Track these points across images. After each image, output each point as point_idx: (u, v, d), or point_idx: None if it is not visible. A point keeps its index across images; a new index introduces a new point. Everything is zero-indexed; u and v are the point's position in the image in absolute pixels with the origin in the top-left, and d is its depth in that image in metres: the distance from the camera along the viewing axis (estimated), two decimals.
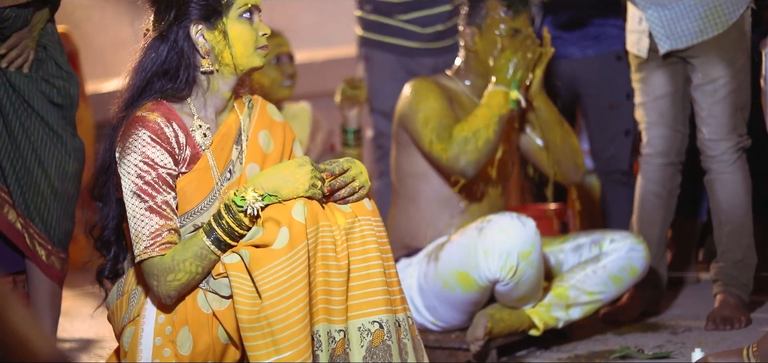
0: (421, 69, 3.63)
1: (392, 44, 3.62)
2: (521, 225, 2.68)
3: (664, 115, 3.16)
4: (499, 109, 2.87)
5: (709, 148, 3.06)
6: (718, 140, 3.04)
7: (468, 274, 2.74)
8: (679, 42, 3.05)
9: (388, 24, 3.61)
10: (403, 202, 3.03)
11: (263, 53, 2.20)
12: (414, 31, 3.61)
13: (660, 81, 3.15)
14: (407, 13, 3.60)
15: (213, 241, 2.05)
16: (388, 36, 3.62)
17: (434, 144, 2.86)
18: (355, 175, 2.14)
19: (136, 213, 2.07)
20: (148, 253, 2.06)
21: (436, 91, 2.94)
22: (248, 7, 2.16)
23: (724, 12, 3.00)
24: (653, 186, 3.20)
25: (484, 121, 2.85)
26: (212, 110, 2.21)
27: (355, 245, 2.09)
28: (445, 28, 3.62)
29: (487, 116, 2.85)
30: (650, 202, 3.20)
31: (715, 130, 3.04)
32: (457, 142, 2.83)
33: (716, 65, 3.02)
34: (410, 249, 2.98)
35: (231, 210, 2.05)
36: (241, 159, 2.21)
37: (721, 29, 3.01)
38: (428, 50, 3.63)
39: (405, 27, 3.61)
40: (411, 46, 3.62)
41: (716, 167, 3.05)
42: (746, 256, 3.07)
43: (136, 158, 2.09)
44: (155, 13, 2.18)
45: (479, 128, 2.84)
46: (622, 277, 2.93)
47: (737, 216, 3.07)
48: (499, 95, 2.89)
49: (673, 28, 3.04)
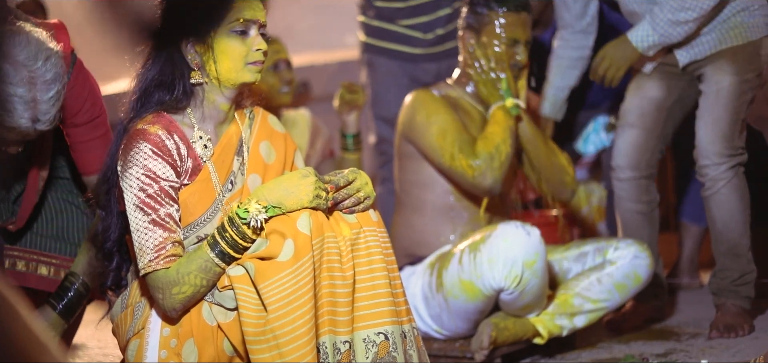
0: (424, 75, 3.62)
1: (395, 50, 3.61)
2: (526, 234, 2.67)
3: (644, 117, 3.15)
4: (506, 123, 2.87)
5: (704, 155, 3.02)
6: (712, 143, 2.99)
7: (472, 283, 2.73)
8: (697, 53, 3.06)
9: (391, 30, 3.60)
10: (406, 211, 3.02)
11: (256, 69, 2.16)
12: (416, 37, 3.60)
13: (654, 86, 3.15)
14: (410, 19, 3.59)
15: (217, 253, 2.04)
16: (391, 42, 3.61)
17: (458, 159, 2.85)
18: (360, 186, 2.13)
19: (140, 226, 2.06)
20: (152, 266, 2.05)
21: (444, 102, 2.94)
22: (241, 23, 2.14)
23: (743, 29, 3.03)
24: (632, 204, 3.18)
25: (500, 136, 2.86)
26: (212, 121, 2.19)
27: (361, 256, 2.08)
28: (445, 32, 3.61)
29: (501, 132, 2.86)
30: (634, 221, 3.18)
31: (713, 133, 2.99)
32: (483, 158, 2.83)
33: (724, 69, 3.01)
34: (414, 257, 2.97)
35: (235, 222, 2.03)
36: (242, 170, 2.20)
37: (738, 42, 3.02)
38: (430, 55, 3.62)
39: (407, 33, 3.60)
40: (414, 52, 3.61)
41: (711, 185, 3.02)
42: (745, 272, 3.05)
43: (138, 171, 2.08)
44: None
45: (498, 144, 2.85)
46: (627, 285, 2.92)
47: (734, 235, 3.04)
48: (499, 112, 2.90)
49: (694, 41, 3.06)
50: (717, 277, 3.09)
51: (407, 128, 2.97)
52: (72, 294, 2.43)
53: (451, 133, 2.87)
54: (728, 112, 3.01)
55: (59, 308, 2.42)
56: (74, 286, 2.43)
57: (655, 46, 3.06)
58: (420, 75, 3.62)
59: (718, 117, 3.00)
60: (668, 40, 3.03)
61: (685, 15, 2.96)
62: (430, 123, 2.90)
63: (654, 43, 3.04)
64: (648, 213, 3.18)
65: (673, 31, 3.00)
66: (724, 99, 3.01)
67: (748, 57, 3.03)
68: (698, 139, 3.05)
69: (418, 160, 2.97)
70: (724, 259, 3.07)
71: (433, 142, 2.89)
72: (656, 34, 3.02)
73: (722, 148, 2.99)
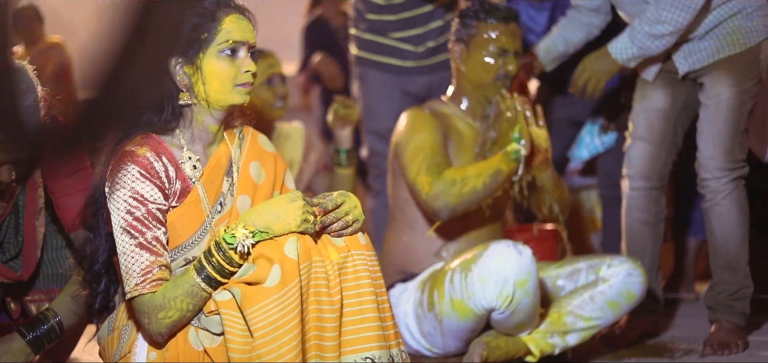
0: (416, 88, 3.61)
1: (387, 64, 3.60)
2: (517, 253, 2.66)
3: (652, 129, 3.13)
4: (498, 164, 2.84)
5: (705, 168, 3.01)
6: (714, 158, 2.99)
7: (464, 303, 2.71)
8: (696, 63, 3.04)
9: (382, 43, 3.59)
10: (399, 228, 3.01)
11: (245, 91, 2.16)
12: (408, 50, 3.59)
13: (658, 96, 3.13)
14: (401, 32, 3.57)
15: (204, 278, 2.03)
16: (383, 55, 3.60)
17: (420, 175, 2.83)
18: (349, 209, 2.12)
19: (127, 249, 2.05)
20: (138, 290, 2.04)
21: (432, 123, 2.92)
22: (230, 44, 2.13)
23: (741, 35, 2.99)
24: (639, 213, 3.17)
25: (477, 170, 2.83)
26: (201, 142, 2.18)
27: (348, 280, 2.07)
28: (437, 45, 3.60)
29: (482, 167, 2.84)
30: (638, 230, 3.17)
31: (713, 147, 2.99)
32: (444, 181, 2.80)
33: (723, 81, 3.00)
34: (406, 274, 2.96)
35: (221, 247, 2.02)
36: (232, 191, 2.19)
37: (736, 50, 2.99)
38: (422, 68, 3.61)
39: (399, 46, 3.59)
40: (405, 65, 3.59)
41: (712, 196, 3.01)
42: (741, 287, 3.03)
43: (125, 194, 2.06)
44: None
45: (469, 176, 2.81)
46: (620, 302, 2.91)
47: (732, 248, 3.02)
48: (498, 157, 2.87)
49: (692, 49, 3.03)
50: (713, 290, 3.07)
51: (396, 144, 2.98)
52: (45, 328, 2.42)
53: (424, 151, 2.86)
54: (728, 125, 2.99)
55: (29, 338, 2.41)
56: (49, 322, 2.42)
57: (635, 59, 3.05)
58: (412, 88, 3.60)
59: (719, 131, 2.99)
60: (647, 53, 3.02)
61: (662, 28, 2.95)
62: (410, 140, 2.90)
63: (633, 55, 3.03)
64: (653, 224, 3.17)
65: (651, 44, 2.99)
66: (724, 112, 2.99)
67: (747, 65, 3.01)
68: (699, 152, 3.04)
69: None
70: (721, 273, 3.05)
71: (407, 158, 2.89)
72: (635, 47, 3.01)
73: (724, 162, 2.99)
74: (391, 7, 3.57)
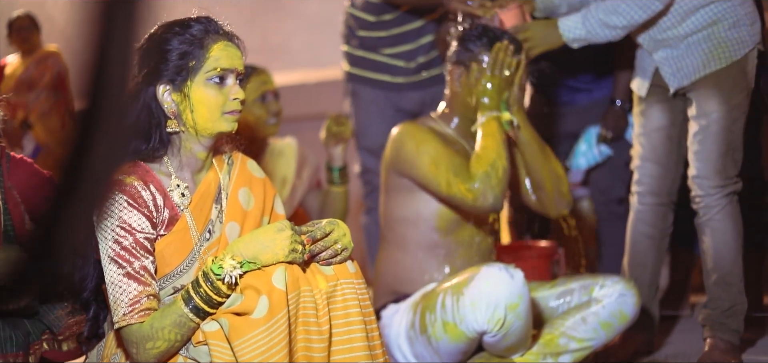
0: (408, 104, 3.60)
1: (378, 80, 3.59)
2: (509, 277, 2.65)
3: (656, 150, 3.12)
4: (501, 136, 2.82)
5: (697, 186, 3.01)
6: (706, 178, 2.98)
7: (455, 326, 2.71)
8: (684, 79, 3.02)
9: (374, 59, 3.58)
10: (391, 248, 2.99)
11: (233, 118, 2.15)
12: (399, 66, 3.58)
13: (657, 115, 3.12)
14: (392, 48, 3.56)
15: (191, 309, 2.02)
16: (374, 72, 3.59)
17: (454, 185, 2.80)
18: (338, 237, 2.11)
19: (114, 279, 2.05)
20: (126, 320, 2.03)
21: (431, 132, 2.90)
22: (218, 72, 2.13)
23: (727, 48, 2.97)
24: (645, 227, 3.16)
25: (495, 150, 2.80)
26: (189, 169, 2.18)
27: (337, 309, 2.06)
28: (428, 60, 3.59)
29: (495, 146, 2.80)
30: (642, 244, 3.17)
31: (705, 167, 2.98)
32: (480, 179, 2.78)
33: (711, 99, 2.98)
34: (398, 295, 2.95)
35: (209, 278, 2.02)
36: (220, 218, 2.18)
37: (723, 64, 2.97)
38: (413, 84, 3.60)
39: (390, 62, 3.58)
40: (397, 81, 3.59)
41: (705, 212, 3.00)
42: (735, 303, 3.02)
43: (113, 223, 2.06)
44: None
45: (494, 160, 2.79)
46: (612, 323, 2.89)
47: (726, 264, 3.01)
48: (492, 122, 2.85)
49: (679, 65, 3.02)
50: (707, 307, 3.06)
51: (396, 161, 2.94)
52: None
53: (443, 160, 2.84)
54: (720, 144, 2.98)
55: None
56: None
57: (580, 41, 3.04)
58: (404, 104, 3.60)
59: (710, 150, 2.98)
60: (595, 40, 3.02)
61: (616, 20, 2.95)
62: (421, 153, 2.87)
63: (580, 37, 3.02)
64: (658, 240, 3.16)
65: (601, 31, 2.99)
66: (715, 132, 2.98)
67: (734, 79, 2.98)
68: (691, 171, 3.03)
69: (403, 196, 2.95)
70: (715, 288, 3.04)
71: (427, 172, 2.85)
72: (584, 30, 3.00)
73: (717, 181, 2.98)
74: (382, 24, 3.56)
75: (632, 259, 3.18)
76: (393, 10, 3.53)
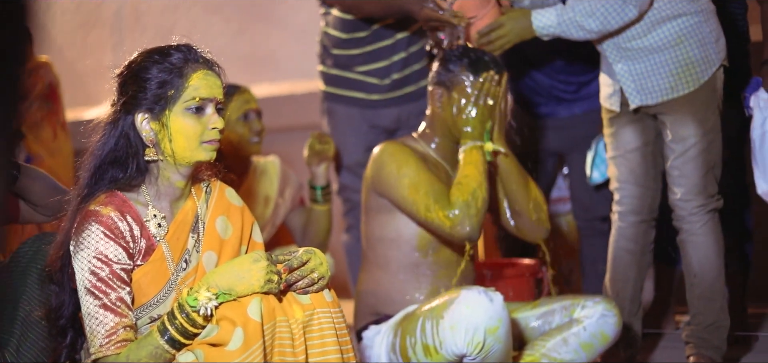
0: (383, 120, 3.59)
1: (353, 97, 3.59)
2: (488, 300, 2.65)
3: (634, 171, 3.12)
4: (483, 165, 2.84)
5: (679, 208, 3.02)
6: (688, 201, 3.00)
7: (435, 349, 2.71)
8: (649, 98, 3.01)
9: (348, 77, 3.58)
10: (372, 268, 3.00)
11: (211, 147, 2.15)
12: (373, 83, 3.58)
13: (630, 136, 3.11)
14: (366, 65, 3.56)
15: (167, 340, 2.03)
16: (349, 89, 3.59)
17: (433, 210, 2.81)
18: (315, 266, 2.12)
19: (91, 310, 2.05)
20: (102, 352, 2.04)
21: (412, 154, 2.90)
22: (197, 101, 2.13)
23: (695, 70, 2.97)
24: (627, 243, 3.16)
25: (476, 181, 2.81)
26: (167, 198, 2.18)
27: (313, 338, 2.08)
28: (402, 77, 3.58)
29: (477, 176, 2.82)
30: (623, 260, 3.17)
31: (686, 190, 3.00)
32: (460, 207, 2.79)
33: (687, 124, 2.98)
34: (379, 315, 2.95)
35: (184, 310, 2.02)
36: (198, 247, 2.19)
37: (692, 87, 2.97)
38: (388, 101, 3.59)
39: (364, 79, 3.58)
40: (371, 98, 3.58)
41: (687, 228, 3.02)
42: (718, 318, 3.03)
43: (89, 254, 2.06)
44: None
45: (475, 189, 2.80)
46: (593, 344, 2.90)
47: (708, 279, 3.03)
48: (475, 151, 2.86)
49: (644, 83, 3.01)
50: (690, 324, 3.07)
51: (376, 181, 2.94)
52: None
53: (423, 184, 2.84)
54: (699, 166, 2.99)
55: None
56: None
57: (550, 37, 3.06)
58: (380, 121, 3.59)
59: (691, 173, 2.99)
60: (567, 36, 3.03)
61: (591, 23, 2.96)
62: (401, 175, 2.87)
63: (553, 32, 3.04)
64: (639, 255, 3.16)
65: (574, 31, 3.00)
66: (694, 157, 2.99)
67: (707, 102, 2.99)
68: (673, 194, 3.04)
69: (384, 216, 2.95)
70: (698, 303, 3.05)
71: (406, 195, 2.86)
72: (558, 28, 3.02)
73: (699, 201, 2.99)
74: (355, 41, 3.56)
75: (614, 275, 3.18)
76: (366, 28, 3.53)
